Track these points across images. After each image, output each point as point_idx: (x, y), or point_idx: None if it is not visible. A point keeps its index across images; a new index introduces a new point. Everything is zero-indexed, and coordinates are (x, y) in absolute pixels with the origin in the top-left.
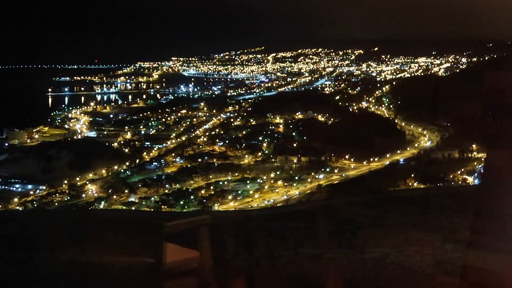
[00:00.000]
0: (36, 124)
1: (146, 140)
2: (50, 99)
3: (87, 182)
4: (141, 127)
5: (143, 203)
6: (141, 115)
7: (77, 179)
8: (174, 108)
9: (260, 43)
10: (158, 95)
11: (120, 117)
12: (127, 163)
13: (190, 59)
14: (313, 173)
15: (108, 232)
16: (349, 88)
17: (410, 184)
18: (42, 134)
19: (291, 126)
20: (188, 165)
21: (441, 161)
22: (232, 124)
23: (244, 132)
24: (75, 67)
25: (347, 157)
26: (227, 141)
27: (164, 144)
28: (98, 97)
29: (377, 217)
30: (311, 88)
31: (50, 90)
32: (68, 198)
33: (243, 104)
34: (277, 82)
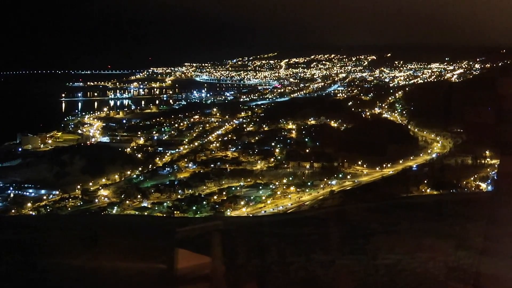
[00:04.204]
0: (49, 129)
1: (159, 146)
2: (63, 105)
3: (100, 187)
4: (154, 132)
5: (156, 208)
6: (154, 120)
7: (90, 184)
8: (187, 114)
9: (273, 49)
10: (171, 101)
11: (133, 123)
12: (140, 169)
13: (203, 64)
14: (325, 179)
15: (120, 237)
16: (361, 94)
17: (423, 190)
18: (56, 139)
19: (303, 132)
20: (201, 171)
21: (454, 167)
22: (245, 130)
23: (256, 138)
24: (89, 72)
25: (359, 163)
26: (239, 147)
27: (177, 150)
28: (111, 103)
29: (389, 223)
30: (323, 94)
31: (63, 95)
32: (81, 203)
33: (256, 109)
34: (289, 87)
